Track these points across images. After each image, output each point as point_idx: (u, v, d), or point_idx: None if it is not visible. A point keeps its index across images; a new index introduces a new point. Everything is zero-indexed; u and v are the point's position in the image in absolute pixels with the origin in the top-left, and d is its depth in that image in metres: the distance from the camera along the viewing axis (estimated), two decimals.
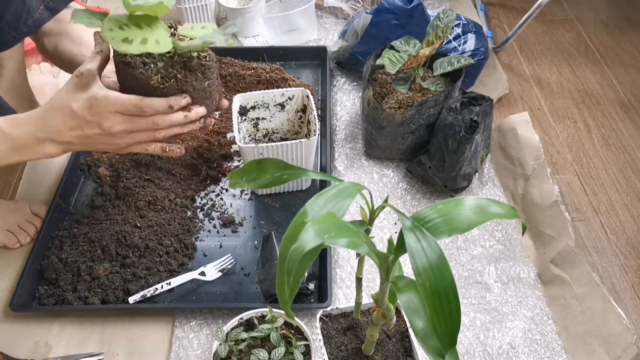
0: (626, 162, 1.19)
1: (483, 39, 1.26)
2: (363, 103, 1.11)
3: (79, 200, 1.07)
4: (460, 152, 1.00)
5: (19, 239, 0.99)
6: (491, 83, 1.32)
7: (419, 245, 0.47)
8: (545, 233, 1.00)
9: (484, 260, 0.98)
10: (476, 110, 1.03)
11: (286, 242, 0.48)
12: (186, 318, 0.90)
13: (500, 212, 0.52)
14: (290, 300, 0.49)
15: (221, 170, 1.12)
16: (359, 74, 1.34)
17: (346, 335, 0.75)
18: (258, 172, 0.59)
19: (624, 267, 0.99)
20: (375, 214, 0.57)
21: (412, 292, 0.52)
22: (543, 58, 1.48)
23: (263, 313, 0.80)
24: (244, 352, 0.75)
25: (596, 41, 1.54)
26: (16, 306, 0.88)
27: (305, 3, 1.41)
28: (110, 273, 0.92)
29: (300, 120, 1.12)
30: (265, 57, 1.36)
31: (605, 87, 1.38)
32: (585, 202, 1.10)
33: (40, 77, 1.33)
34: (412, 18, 1.22)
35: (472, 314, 0.90)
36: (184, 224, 1.00)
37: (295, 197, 1.08)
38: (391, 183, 1.11)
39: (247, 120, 1.10)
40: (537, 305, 0.92)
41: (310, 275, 0.92)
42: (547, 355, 0.86)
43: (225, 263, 0.96)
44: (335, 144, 1.19)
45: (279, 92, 1.08)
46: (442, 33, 1.01)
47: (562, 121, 1.29)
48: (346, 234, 0.48)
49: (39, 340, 0.88)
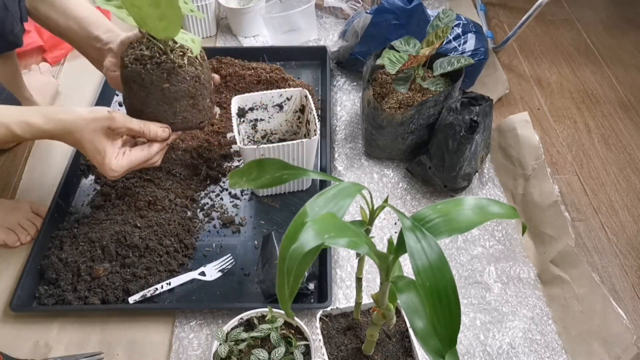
0: (626, 162, 1.19)
1: (483, 39, 1.26)
2: (363, 103, 1.11)
3: (79, 200, 1.07)
4: (460, 152, 1.00)
5: (19, 237, 0.99)
6: (491, 83, 1.32)
7: (419, 245, 0.47)
8: (545, 233, 1.00)
9: (484, 260, 0.98)
10: (476, 110, 1.03)
11: (286, 242, 0.48)
12: (186, 318, 0.90)
13: (500, 212, 0.52)
14: (290, 300, 0.49)
15: (221, 170, 1.12)
16: (359, 74, 1.34)
17: (346, 335, 0.75)
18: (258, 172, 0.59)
19: (624, 267, 0.99)
20: (375, 214, 0.57)
21: (412, 292, 0.52)
22: (543, 58, 1.48)
23: (263, 313, 0.80)
24: (244, 352, 0.75)
25: (596, 41, 1.54)
26: (16, 306, 0.88)
27: (305, 3, 1.41)
28: (110, 273, 0.92)
29: (299, 120, 1.12)
30: (265, 57, 1.36)
31: (605, 87, 1.38)
32: (585, 202, 1.10)
33: (40, 77, 1.33)
34: (412, 18, 1.22)
35: (472, 314, 0.90)
36: (184, 224, 1.00)
37: (295, 197, 1.08)
38: (391, 183, 1.11)
39: (245, 122, 1.10)
40: (537, 305, 0.92)
41: (310, 275, 0.92)
42: (547, 355, 0.86)
43: (225, 263, 0.96)
44: (335, 144, 1.19)
45: (277, 92, 1.08)
46: (442, 33, 1.01)
47: (562, 121, 1.29)
48: (346, 234, 0.48)
49: (39, 340, 0.88)
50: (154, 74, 0.83)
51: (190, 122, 0.91)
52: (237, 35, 1.50)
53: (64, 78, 1.38)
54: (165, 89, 0.84)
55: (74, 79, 1.37)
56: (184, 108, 0.88)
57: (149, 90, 0.84)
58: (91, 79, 1.34)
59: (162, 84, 0.84)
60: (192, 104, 0.88)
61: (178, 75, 0.84)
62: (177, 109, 0.87)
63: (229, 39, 1.50)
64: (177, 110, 0.87)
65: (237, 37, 1.50)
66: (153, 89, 0.84)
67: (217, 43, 1.49)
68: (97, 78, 1.33)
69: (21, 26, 0.96)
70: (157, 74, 0.83)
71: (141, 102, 0.86)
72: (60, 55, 1.43)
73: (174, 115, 0.88)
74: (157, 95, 0.85)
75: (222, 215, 1.04)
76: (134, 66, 0.84)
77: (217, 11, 1.53)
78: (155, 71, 0.83)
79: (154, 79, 0.83)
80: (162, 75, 0.83)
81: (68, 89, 1.34)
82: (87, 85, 1.33)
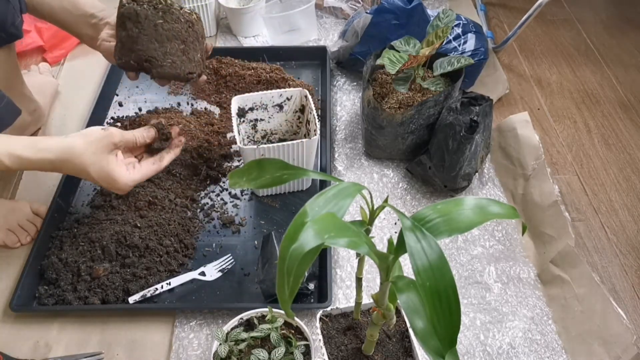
0: (626, 162, 1.19)
1: (483, 39, 1.26)
2: (363, 103, 1.11)
3: (79, 200, 1.07)
4: (460, 152, 1.00)
5: (19, 238, 0.99)
6: (491, 83, 1.32)
7: (419, 245, 0.47)
8: (545, 233, 1.00)
9: (484, 260, 0.98)
10: (476, 110, 1.03)
11: (286, 242, 0.48)
12: (186, 318, 0.90)
13: (500, 212, 0.52)
14: (290, 300, 0.49)
15: (221, 170, 1.12)
16: (359, 74, 1.34)
17: (346, 335, 0.75)
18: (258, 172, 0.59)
19: (624, 267, 0.99)
20: (375, 214, 0.57)
21: (412, 292, 0.52)
22: (543, 58, 1.48)
23: (263, 313, 0.80)
24: (244, 352, 0.75)
25: (596, 41, 1.54)
26: (16, 306, 0.88)
27: (305, 3, 1.41)
28: (110, 273, 0.92)
29: (299, 120, 1.12)
30: (265, 57, 1.36)
31: (605, 87, 1.38)
32: (585, 202, 1.10)
33: (40, 77, 1.33)
34: (412, 18, 1.22)
35: (472, 314, 0.90)
36: (184, 224, 1.00)
37: (295, 197, 1.08)
38: (391, 183, 1.11)
39: (245, 122, 1.10)
40: (537, 305, 0.92)
41: (310, 275, 0.92)
42: (547, 355, 0.86)
43: (225, 263, 0.96)
44: (335, 144, 1.19)
45: (277, 92, 1.08)
46: (442, 33, 1.01)
47: (562, 121, 1.29)
48: (346, 234, 0.48)
49: (39, 340, 0.88)
50: (149, 10, 0.87)
51: (178, 69, 0.92)
52: (237, 35, 1.50)
53: (64, 78, 1.38)
54: (158, 25, 0.88)
55: (74, 79, 1.37)
56: (174, 51, 0.90)
57: (142, 25, 0.87)
58: (91, 79, 1.34)
59: (156, 19, 0.87)
60: (183, 50, 0.91)
61: (172, 14, 0.89)
62: (167, 50, 0.89)
63: (229, 39, 1.50)
64: (167, 51, 0.89)
65: (237, 37, 1.50)
66: (147, 24, 0.87)
67: (217, 43, 1.49)
68: (97, 78, 1.33)
69: (21, 18, 0.97)
70: (152, 11, 0.87)
71: (132, 40, 0.88)
72: (60, 55, 1.43)
73: (164, 56, 0.90)
74: (149, 32, 0.88)
75: (222, 215, 1.04)
76: (130, 4, 0.87)
77: (217, 11, 1.53)
78: (150, 9, 0.87)
79: (149, 14, 0.87)
80: (157, 13, 0.88)
81: (68, 89, 1.34)
82: (87, 85, 1.33)
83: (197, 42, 0.94)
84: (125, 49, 0.90)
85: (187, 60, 0.92)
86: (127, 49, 0.90)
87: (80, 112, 1.26)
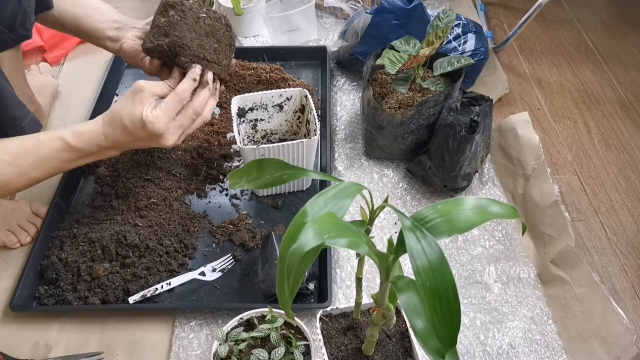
0: (626, 162, 1.19)
1: (483, 39, 1.26)
2: (363, 103, 1.11)
3: (79, 200, 1.07)
4: (461, 152, 1.00)
5: (19, 239, 0.99)
6: (491, 83, 1.32)
7: (419, 245, 0.47)
8: (545, 233, 1.00)
9: (484, 260, 0.98)
10: (476, 110, 1.03)
11: (286, 242, 0.48)
12: (186, 318, 0.90)
13: (500, 212, 0.52)
14: (290, 300, 0.49)
15: (221, 170, 1.12)
16: (359, 74, 1.34)
17: (346, 335, 0.75)
18: (258, 172, 0.59)
19: (624, 267, 0.99)
20: (375, 214, 0.57)
21: (412, 292, 0.52)
22: (543, 58, 1.48)
23: (263, 313, 0.80)
24: (244, 352, 0.75)
25: (596, 41, 1.54)
26: (16, 306, 0.88)
27: (305, 3, 1.41)
28: (110, 273, 0.92)
29: (299, 120, 1.12)
30: (265, 57, 1.36)
31: (605, 87, 1.38)
32: (585, 202, 1.10)
33: (40, 77, 1.33)
34: (412, 18, 1.22)
35: (472, 314, 0.90)
36: (184, 224, 1.00)
37: (295, 197, 1.08)
38: (391, 183, 1.11)
39: (245, 122, 1.10)
40: (537, 305, 0.92)
41: (310, 275, 0.92)
42: (547, 355, 0.86)
43: (225, 263, 0.96)
44: (335, 144, 1.19)
45: (277, 92, 1.08)
46: (442, 33, 1.01)
47: (562, 121, 1.29)
48: (346, 234, 0.48)
49: (39, 340, 0.88)
50: (195, 3, 0.90)
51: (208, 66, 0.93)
52: (237, 35, 1.50)
53: (64, 78, 1.38)
54: (200, 18, 0.90)
55: (74, 79, 1.37)
56: (208, 47, 0.91)
57: (185, 14, 0.89)
58: (91, 79, 1.34)
59: (199, 12, 0.90)
60: (215, 49, 0.92)
61: (215, 13, 0.92)
62: (202, 43, 0.90)
63: None
64: (202, 44, 0.90)
65: (237, 37, 1.50)
66: (189, 15, 0.89)
67: None
68: (97, 78, 1.33)
69: (34, 18, 0.95)
70: (197, 5, 0.90)
71: (171, 25, 0.88)
72: (60, 55, 1.43)
73: (197, 48, 0.89)
74: (190, 21, 0.89)
75: None
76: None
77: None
78: (196, 3, 0.91)
79: (194, 6, 0.89)
80: (202, 8, 0.90)
81: (68, 89, 1.34)
82: (87, 85, 1.33)
83: (229, 48, 0.95)
84: (161, 33, 0.89)
85: (216, 59, 0.92)
86: (162, 34, 0.89)
87: (80, 112, 1.26)
